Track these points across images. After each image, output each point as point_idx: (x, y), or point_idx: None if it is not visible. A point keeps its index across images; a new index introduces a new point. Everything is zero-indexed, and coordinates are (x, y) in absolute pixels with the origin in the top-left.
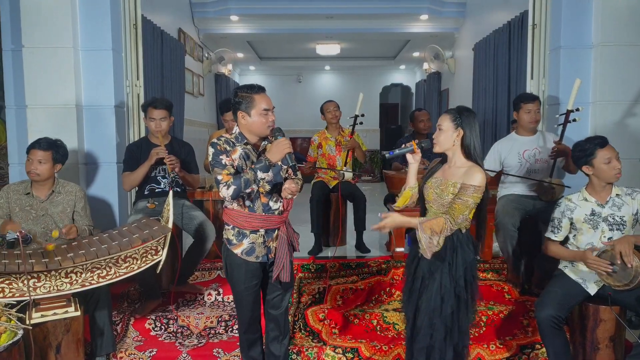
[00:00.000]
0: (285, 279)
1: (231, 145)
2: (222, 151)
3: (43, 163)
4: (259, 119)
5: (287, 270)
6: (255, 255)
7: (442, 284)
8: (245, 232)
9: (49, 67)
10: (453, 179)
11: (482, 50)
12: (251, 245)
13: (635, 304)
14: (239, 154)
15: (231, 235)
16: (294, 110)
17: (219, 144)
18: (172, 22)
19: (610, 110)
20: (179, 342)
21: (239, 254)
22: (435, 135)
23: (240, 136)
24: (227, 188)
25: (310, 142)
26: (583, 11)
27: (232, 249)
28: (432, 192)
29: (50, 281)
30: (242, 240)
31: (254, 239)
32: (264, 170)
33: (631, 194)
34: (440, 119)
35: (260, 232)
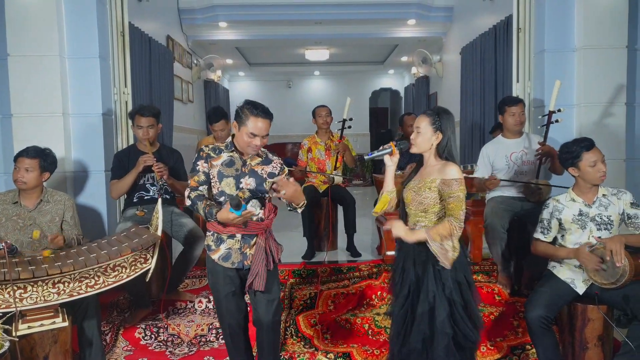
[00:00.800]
0: (258, 288)
1: (217, 152)
2: (202, 157)
3: (30, 171)
4: (244, 137)
5: (262, 278)
6: (231, 261)
7: (429, 290)
8: (222, 237)
9: (35, 76)
10: (430, 177)
11: (469, 54)
12: (227, 250)
13: (622, 303)
14: (222, 160)
15: (210, 241)
16: (284, 116)
17: (204, 150)
18: (160, 29)
19: (594, 112)
20: (169, 350)
21: (216, 259)
22: (413, 137)
23: (231, 144)
24: (187, 197)
25: (300, 146)
26: (565, 15)
27: (211, 254)
28: (410, 194)
29: (37, 291)
30: (219, 246)
31: (230, 244)
32: (208, 218)
33: (617, 194)
34: (417, 120)
35: (237, 238)
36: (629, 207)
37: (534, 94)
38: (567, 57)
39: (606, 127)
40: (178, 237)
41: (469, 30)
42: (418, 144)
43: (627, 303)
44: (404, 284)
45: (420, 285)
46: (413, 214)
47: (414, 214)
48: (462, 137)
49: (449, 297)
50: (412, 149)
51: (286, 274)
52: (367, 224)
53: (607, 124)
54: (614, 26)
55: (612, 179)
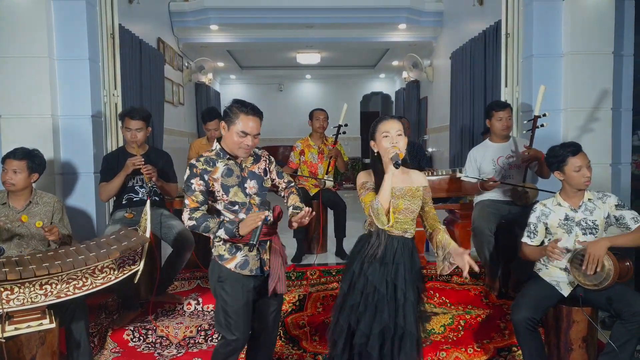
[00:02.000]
0: (281, 291)
1: (211, 164)
2: (196, 174)
3: (18, 173)
4: (234, 137)
5: (283, 281)
6: (250, 269)
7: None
8: (238, 245)
9: (24, 77)
10: (414, 185)
11: (459, 59)
12: (244, 258)
13: (605, 304)
14: (220, 172)
15: (223, 250)
16: (275, 119)
17: (196, 166)
18: (151, 31)
19: (580, 117)
20: (158, 352)
21: (232, 268)
22: (400, 143)
23: (222, 152)
24: (188, 217)
25: (293, 148)
26: (553, 21)
27: (225, 264)
28: (402, 202)
29: (24, 293)
30: (235, 254)
31: (247, 251)
32: (229, 235)
33: (602, 198)
34: (395, 124)
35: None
36: (614, 209)
37: (522, 98)
38: (554, 62)
39: (592, 131)
40: (167, 239)
41: (458, 35)
42: (402, 147)
43: (610, 304)
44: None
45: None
46: (401, 222)
47: (402, 221)
48: (452, 140)
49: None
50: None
51: None
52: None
53: (593, 128)
54: (600, 32)
55: (598, 184)
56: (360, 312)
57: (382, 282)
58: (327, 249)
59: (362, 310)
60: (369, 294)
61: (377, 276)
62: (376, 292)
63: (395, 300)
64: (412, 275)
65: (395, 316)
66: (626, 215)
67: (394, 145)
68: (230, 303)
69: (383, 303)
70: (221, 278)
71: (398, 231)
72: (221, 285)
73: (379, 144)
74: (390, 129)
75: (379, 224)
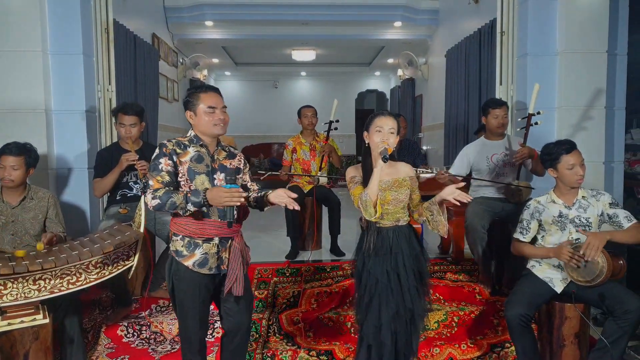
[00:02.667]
0: (238, 293)
1: (182, 147)
2: (165, 154)
3: (16, 169)
4: (204, 117)
5: (241, 282)
6: (209, 267)
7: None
8: (197, 241)
9: (17, 71)
10: (399, 176)
11: (454, 57)
12: (204, 255)
13: (598, 301)
14: (190, 156)
15: (180, 246)
16: (270, 116)
17: (166, 146)
18: (145, 26)
19: (574, 115)
20: (152, 348)
21: (190, 266)
22: (389, 137)
23: (195, 138)
24: (152, 197)
25: (285, 146)
26: (548, 20)
27: (182, 261)
28: (389, 194)
29: (17, 288)
30: (194, 251)
31: (207, 248)
32: (196, 206)
33: (596, 196)
34: (390, 121)
35: (214, 242)
36: (608, 207)
37: (517, 96)
38: (549, 60)
39: (586, 130)
40: (161, 235)
41: (454, 33)
42: (392, 144)
43: (602, 301)
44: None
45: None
46: (392, 212)
47: (393, 212)
48: (447, 139)
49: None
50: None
51: (270, 273)
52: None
53: (587, 127)
54: (594, 31)
55: (591, 182)
56: (366, 304)
57: (382, 273)
58: (321, 245)
59: (368, 302)
60: (371, 286)
61: (377, 269)
62: (378, 283)
63: (400, 288)
64: (411, 261)
65: (404, 302)
66: (620, 214)
67: (384, 141)
68: (185, 302)
69: (387, 293)
70: (177, 276)
71: (390, 222)
72: (177, 283)
73: (370, 136)
74: (384, 125)
75: (367, 215)
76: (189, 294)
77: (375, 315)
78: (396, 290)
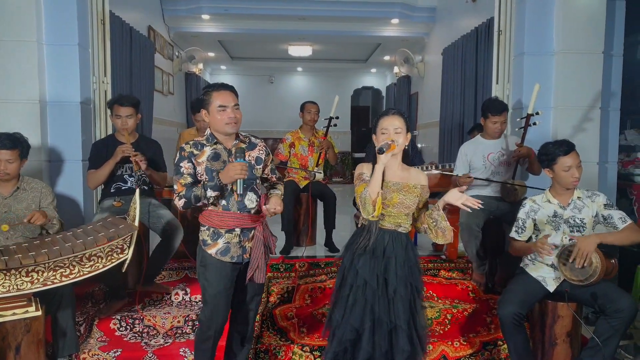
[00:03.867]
0: (259, 280)
1: (199, 148)
2: (184, 157)
3: (12, 162)
4: (216, 116)
5: (262, 270)
6: (230, 255)
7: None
8: (220, 231)
9: (12, 61)
10: (412, 182)
11: (450, 55)
12: (226, 245)
13: (590, 300)
14: (207, 155)
15: (206, 235)
16: (266, 111)
17: (185, 149)
18: (141, 19)
19: (570, 115)
20: (144, 342)
21: (213, 254)
22: (396, 138)
23: (211, 137)
24: (179, 199)
25: (282, 140)
26: (545, 19)
27: (207, 249)
28: (397, 196)
29: (10, 280)
30: (217, 240)
31: (229, 238)
32: (214, 190)
33: (591, 197)
34: (395, 121)
35: (236, 232)
36: (603, 208)
37: (513, 95)
38: (545, 60)
39: (581, 130)
40: (155, 228)
41: (451, 32)
42: (400, 144)
43: (595, 300)
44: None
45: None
46: (395, 216)
47: (396, 215)
48: (442, 136)
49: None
50: (394, 150)
51: None
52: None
53: (582, 127)
54: (591, 32)
55: (585, 182)
56: (350, 305)
57: (372, 276)
58: (315, 241)
59: (352, 304)
60: (358, 287)
61: (367, 270)
62: (367, 286)
63: (387, 295)
64: (405, 270)
65: (388, 311)
66: (614, 215)
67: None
68: (208, 289)
69: (374, 297)
70: (203, 263)
71: (390, 225)
72: (203, 270)
73: (377, 139)
74: (389, 126)
75: (365, 213)
76: (212, 281)
77: (357, 319)
78: (382, 297)
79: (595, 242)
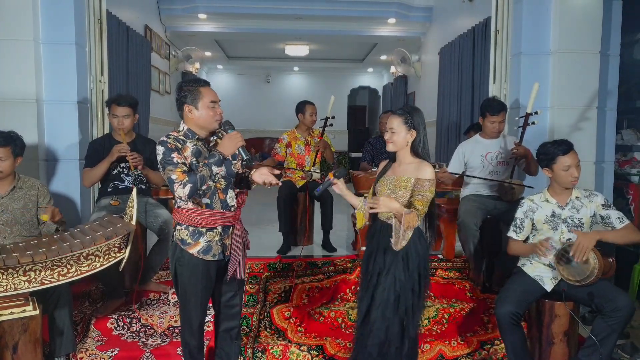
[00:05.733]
0: (240, 276)
1: (181, 142)
2: (173, 149)
3: (4, 160)
4: (207, 112)
5: (243, 266)
6: (212, 254)
7: (397, 278)
8: (202, 230)
9: (8, 60)
10: (405, 175)
11: (447, 55)
12: (208, 243)
13: (587, 299)
14: (190, 151)
15: (185, 235)
16: (262, 111)
17: (169, 142)
18: (138, 18)
19: (567, 115)
20: (142, 341)
21: (195, 253)
22: (389, 137)
23: (190, 132)
24: (182, 187)
25: (279, 140)
26: (542, 19)
27: (188, 249)
28: (385, 189)
29: (7, 279)
30: (198, 239)
31: (210, 237)
32: (218, 165)
33: (589, 197)
34: (390, 121)
35: (217, 230)
36: (601, 208)
37: (510, 95)
38: (542, 60)
39: (578, 129)
40: (152, 227)
41: (448, 31)
42: (395, 142)
43: (592, 300)
44: (372, 274)
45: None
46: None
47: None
48: (439, 136)
49: (412, 287)
50: (389, 147)
51: (261, 267)
52: (343, 220)
53: (579, 126)
54: (588, 31)
55: (582, 181)
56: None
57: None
58: (313, 240)
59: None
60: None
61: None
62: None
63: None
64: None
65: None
66: (612, 215)
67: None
68: (189, 287)
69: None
70: (181, 262)
71: (383, 216)
72: (181, 270)
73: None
74: (388, 124)
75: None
76: (192, 280)
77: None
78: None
79: (595, 237)
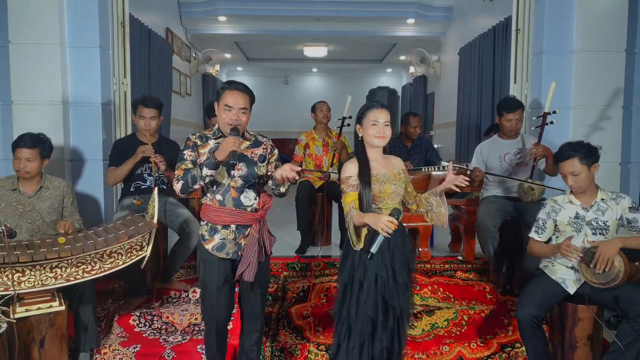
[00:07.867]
0: (248, 279)
1: (204, 140)
2: (188, 146)
3: (32, 161)
4: (220, 114)
5: (253, 269)
6: (226, 252)
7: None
8: (217, 227)
9: (36, 63)
10: (394, 169)
11: (467, 55)
12: (222, 241)
13: (612, 303)
14: (209, 148)
15: (204, 230)
16: (281, 112)
17: (190, 139)
18: (159, 21)
19: (590, 114)
20: (163, 338)
21: (210, 249)
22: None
23: (218, 131)
24: (177, 182)
25: (297, 141)
26: (565, 18)
27: (205, 244)
28: (389, 187)
29: (35, 275)
30: (213, 236)
31: (225, 234)
32: (210, 167)
33: (615, 199)
34: (384, 114)
35: (232, 228)
36: (628, 211)
37: (531, 95)
38: (565, 59)
39: (602, 129)
40: (173, 226)
41: (467, 31)
42: (388, 136)
43: (617, 303)
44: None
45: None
46: (391, 205)
47: (392, 205)
48: (458, 137)
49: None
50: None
51: (280, 267)
52: None
53: (603, 126)
54: (613, 29)
55: (606, 183)
56: (363, 299)
57: (381, 268)
58: (331, 241)
59: (365, 298)
60: (371, 282)
61: (376, 264)
62: (379, 278)
63: (395, 283)
64: (404, 258)
65: (397, 298)
66: (639, 219)
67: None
68: (206, 282)
69: (385, 288)
70: (201, 257)
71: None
72: (202, 265)
73: (365, 130)
74: (379, 118)
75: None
76: (208, 276)
77: (372, 310)
78: (392, 285)
79: (618, 246)
